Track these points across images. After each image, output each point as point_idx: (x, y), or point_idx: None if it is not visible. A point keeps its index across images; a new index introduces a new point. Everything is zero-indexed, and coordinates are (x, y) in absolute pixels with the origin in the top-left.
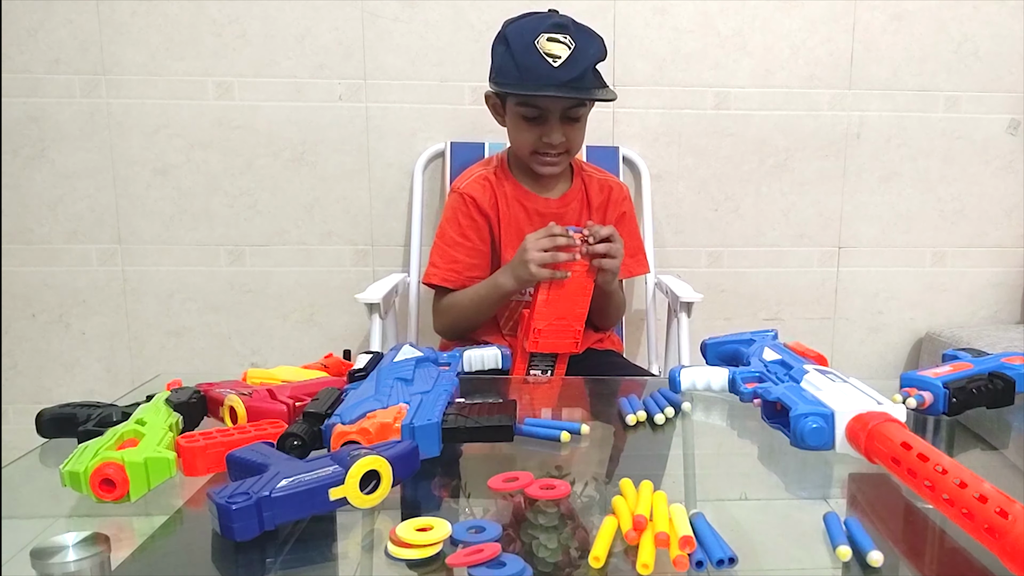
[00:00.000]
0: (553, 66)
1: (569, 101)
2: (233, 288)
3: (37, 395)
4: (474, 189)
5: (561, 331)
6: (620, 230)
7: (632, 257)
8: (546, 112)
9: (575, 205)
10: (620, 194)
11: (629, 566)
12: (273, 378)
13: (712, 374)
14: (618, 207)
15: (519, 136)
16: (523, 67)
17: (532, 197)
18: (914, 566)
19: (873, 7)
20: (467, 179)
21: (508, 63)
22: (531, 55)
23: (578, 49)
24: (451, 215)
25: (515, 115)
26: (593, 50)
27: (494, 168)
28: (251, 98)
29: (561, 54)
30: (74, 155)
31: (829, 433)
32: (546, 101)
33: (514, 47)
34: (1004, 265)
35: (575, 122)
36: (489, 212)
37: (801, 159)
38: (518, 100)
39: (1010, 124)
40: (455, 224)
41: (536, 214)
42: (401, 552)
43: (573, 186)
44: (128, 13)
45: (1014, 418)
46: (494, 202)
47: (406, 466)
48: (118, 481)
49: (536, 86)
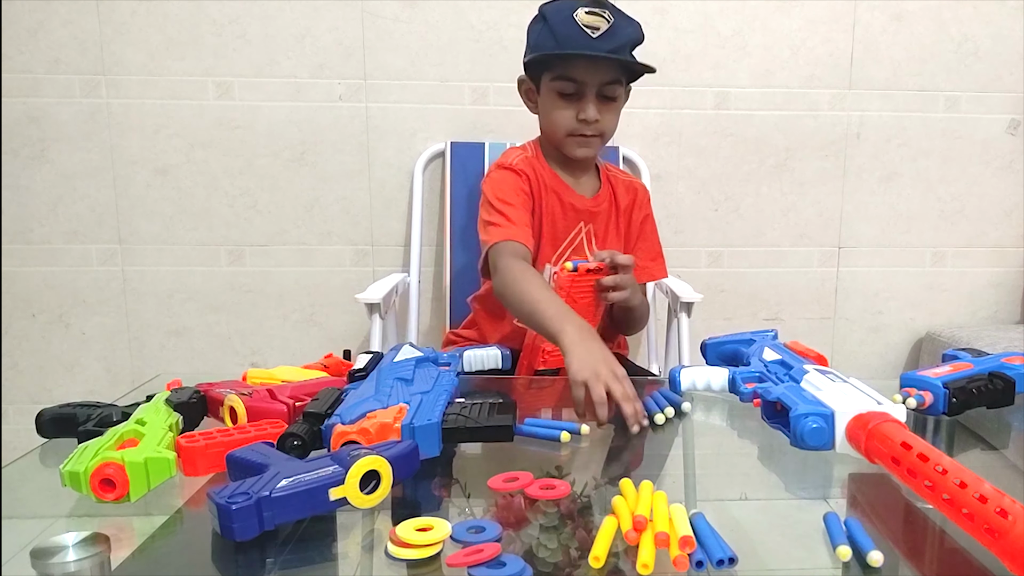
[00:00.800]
0: (592, 37)
1: (606, 75)
2: (233, 288)
3: (37, 395)
4: (525, 167)
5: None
6: (643, 232)
7: (653, 261)
8: (583, 87)
9: (606, 206)
10: (644, 196)
11: (629, 566)
12: (273, 378)
13: (712, 374)
14: (643, 210)
15: (555, 115)
16: (562, 37)
17: (569, 191)
18: (914, 566)
19: (873, 7)
20: (512, 158)
21: (546, 36)
22: (570, 26)
23: (616, 25)
24: (503, 184)
25: (551, 93)
26: (631, 30)
27: (532, 154)
28: (251, 98)
29: (600, 26)
30: (74, 155)
31: (829, 433)
32: (584, 74)
33: (552, 21)
34: (1004, 265)
35: (611, 102)
36: (535, 193)
37: (801, 159)
38: (555, 75)
39: (1010, 124)
40: (512, 188)
41: (572, 209)
42: (401, 552)
43: (603, 187)
44: (128, 13)
45: (1014, 418)
46: (537, 185)
47: (406, 466)
48: (118, 481)
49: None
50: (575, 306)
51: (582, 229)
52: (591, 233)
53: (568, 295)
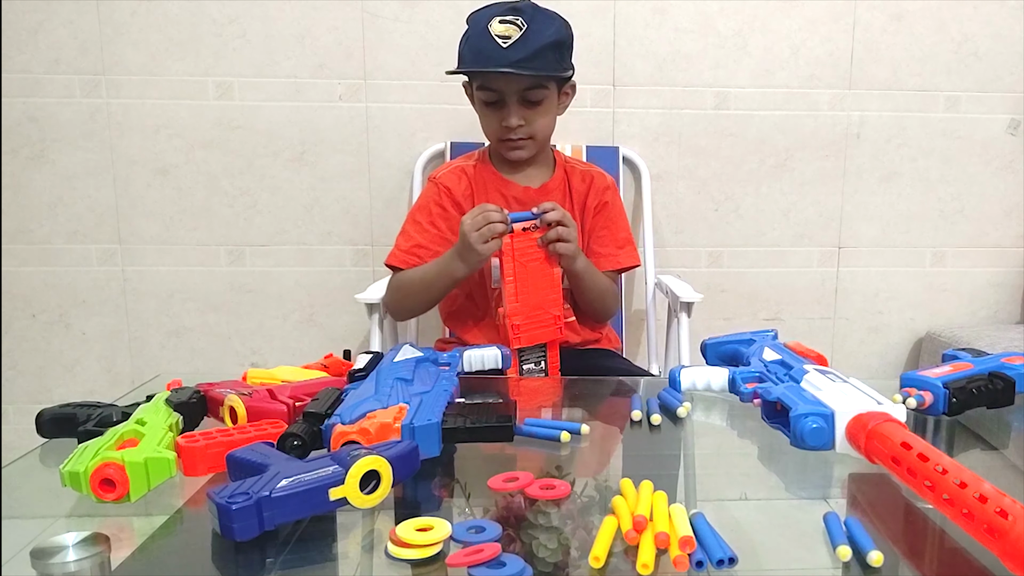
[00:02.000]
0: (502, 47)
1: (524, 83)
2: (233, 288)
3: (37, 395)
4: (449, 179)
5: (539, 320)
6: (601, 219)
7: (620, 248)
8: (503, 95)
9: (556, 194)
10: (602, 183)
11: (629, 566)
12: (273, 378)
13: (712, 374)
14: (599, 195)
15: (484, 123)
16: (475, 50)
17: (511, 185)
18: (914, 566)
19: (873, 7)
20: (444, 170)
21: (465, 49)
22: (483, 39)
23: (530, 30)
24: (423, 203)
25: (478, 102)
26: (550, 31)
27: (475, 160)
28: (251, 98)
29: (511, 35)
30: (74, 155)
31: (829, 433)
32: (500, 83)
33: (470, 32)
34: (1004, 265)
35: (536, 105)
36: (463, 203)
37: (801, 159)
38: (477, 85)
39: (1010, 124)
40: (426, 211)
41: (515, 201)
42: (401, 552)
43: (555, 175)
44: (128, 13)
45: (1014, 418)
46: (470, 192)
47: (406, 466)
48: (118, 481)
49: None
50: (526, 269)
51: None
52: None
53: (513, 259)
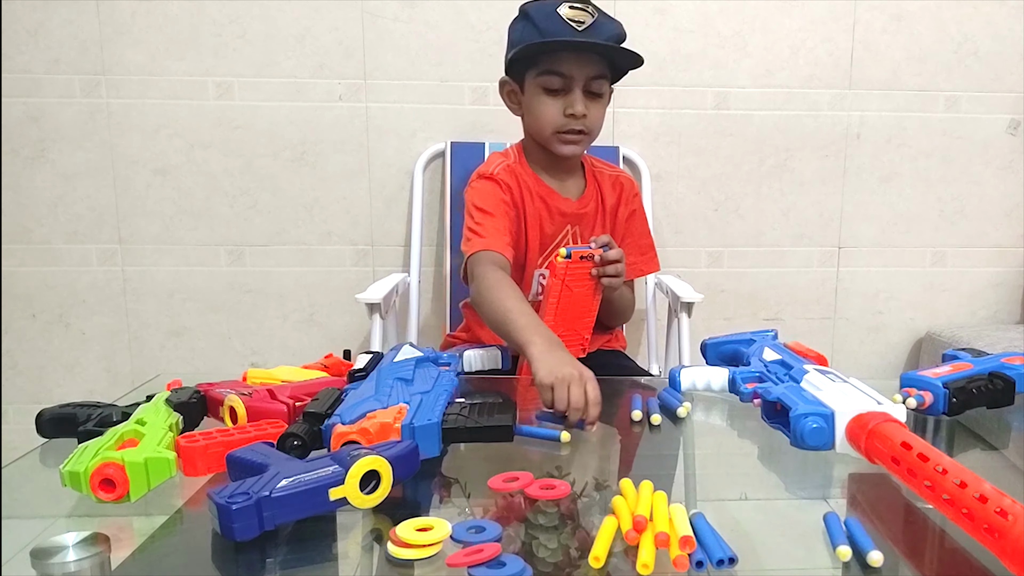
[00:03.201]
0: (577, 30)
1: (593, 69)
2: (233, 288)
3: (37, 395)
4: (506, 176)
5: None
6: (631, 228)
7: (643, 255)
8: (570, 81)
9: (592, 206)
10: (631, 191)
11: (629, 566)
12: (273, 378)
13: (712, 374)
14: (629, 205)
15: (541, 111)
16: (546, 32)
17: (554, 196)
18: (914, 566)
19: (873, 7)
20: (494, 166)
21: (529, 31)
22: (554, 21)
23: (600, 20)
24: (484, 195)
25: (536, 89)
26: (614, 26)
27: (513, 159)
28: (251, 98)
29: (584, 20)
30: (74, 155)
31: (829, 433)
32: (570, 67)
33: (535, 16)
34: (1004, 265)
35: (597, 98)
36: (518, 202)
37: (801, 159)
38: (540, 70)
39: (1010, 124)
40: (493, 199)
41: (558, 214)
42: (401, 552)
43: (588, 186)
44: (128, 13)
45: (1014, 418)
46: (520, 194)
47: (406, 466)
48: (118, 481)
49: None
50: (571, 294)
51: (569, 231)
52: (578, 235)
53: (563, 283)
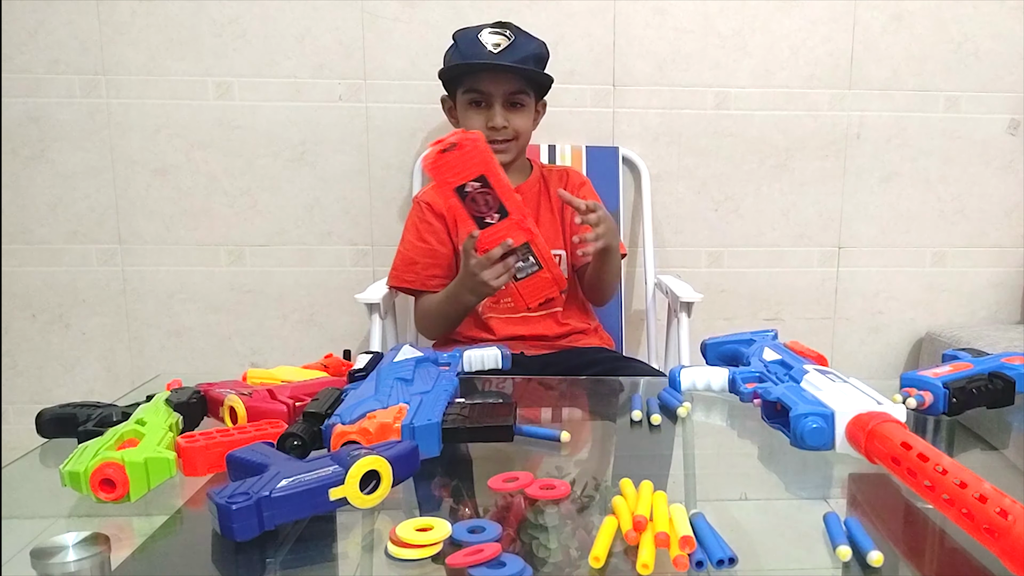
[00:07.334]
0: (493, 52)
1: (510, 86)
2: (233, 288)
3: (37, 395)
4: (428, 195)
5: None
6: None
7: None
8: (490, 97)
9: (535, 190)
10: (578, 179)
11: (629, 566)
12: (273, 378)
13: (712, 374)
14: (575, 190)
15: (469, 125)
16: (466, 55)
17: None
18: (914, 566)
19: (873, 7)
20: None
21: (454, 56)
22: (474, 45)
23: (517, 41)
24: (409, 223)
25: (464, 105)
26: (533, 46)
27: None
28: (251, 98)
29: (501, 43)
30: (74, 155)
31: (829, 433)
32: (488, 85)
33: (460, 42)
34: (1004, 265)
35: (519, 108)
36: (444, 212)
37: (801, 159)
38: (465, 88)
39: (1010, 124)
40: (413, 231)
41: None
42: (401, 552)
43: (530, 177)
44: (128, 13)
45: (1014, 418)
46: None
47: (406, 466)
48: (118, 481)
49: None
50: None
51: None
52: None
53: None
